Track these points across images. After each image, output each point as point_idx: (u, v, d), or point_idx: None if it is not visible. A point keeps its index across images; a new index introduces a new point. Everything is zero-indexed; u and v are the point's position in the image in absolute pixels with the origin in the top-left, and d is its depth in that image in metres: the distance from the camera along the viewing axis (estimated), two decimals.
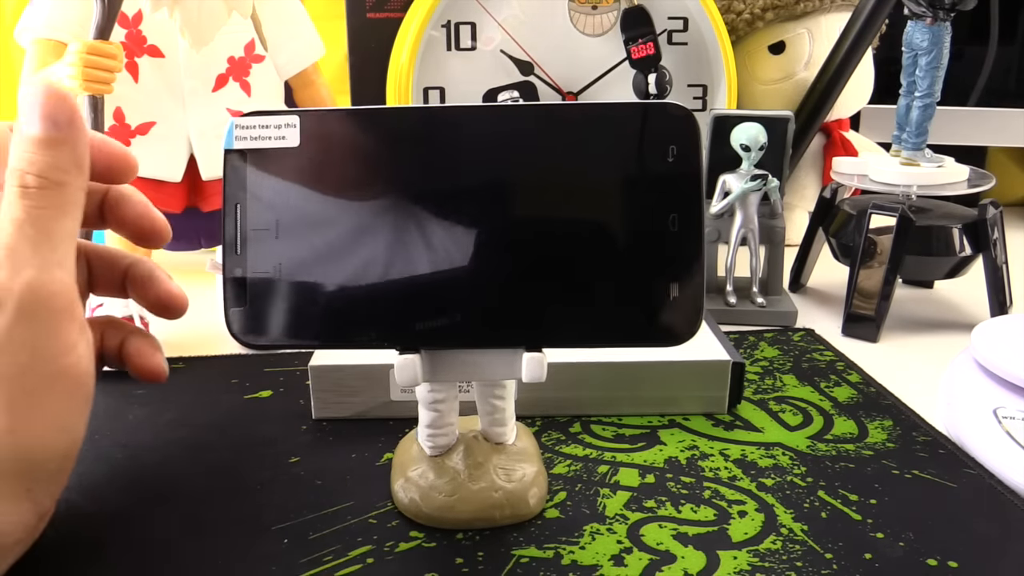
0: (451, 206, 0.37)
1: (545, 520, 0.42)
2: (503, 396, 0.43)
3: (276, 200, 0.37)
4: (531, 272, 0.37)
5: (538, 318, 0.38)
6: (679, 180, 0.37)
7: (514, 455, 0.44)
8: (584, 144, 0.37)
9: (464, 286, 0.37)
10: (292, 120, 0.37)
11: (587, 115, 0.38)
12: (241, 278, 0.37)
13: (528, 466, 0.43)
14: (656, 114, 0.37)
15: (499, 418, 0.43)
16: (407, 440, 0.46)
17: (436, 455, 0.43)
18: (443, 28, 0.79)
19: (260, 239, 0.37)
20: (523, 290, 0.37)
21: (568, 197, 0.37)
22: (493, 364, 0.39)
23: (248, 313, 0.37)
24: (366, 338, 0.38)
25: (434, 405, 0.42)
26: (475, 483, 0.42)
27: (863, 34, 0.86)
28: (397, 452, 0.46)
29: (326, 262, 0.37)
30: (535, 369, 0.38)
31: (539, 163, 0.37)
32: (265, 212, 0.37)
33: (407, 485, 0.42)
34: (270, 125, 0.37)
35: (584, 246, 0.37)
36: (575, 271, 0.37)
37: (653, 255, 0.37)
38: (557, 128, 0.37)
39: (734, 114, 0.71)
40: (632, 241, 0.37)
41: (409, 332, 0.38)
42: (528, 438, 0.46)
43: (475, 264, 0.37)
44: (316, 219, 0.37)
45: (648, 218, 0.37)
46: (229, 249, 0.37)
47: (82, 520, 0.42)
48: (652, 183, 0.37)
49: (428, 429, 0.43)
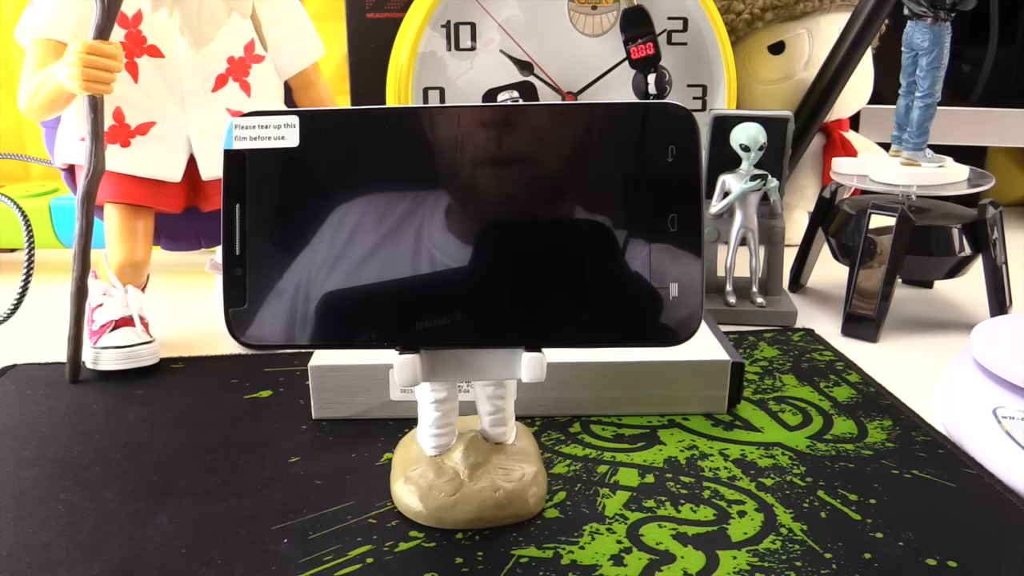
0: (450, 206, 0.37)
1: (545, 520, 0.42)
2: (503, 396, 0.43)
3: (276, 200, 0.37)
4: (530, 272, 0.37)
5: (537, 318, 0.38)
6: (679, 180, 0.37)
7: (514, 455, 0.44)
8: (584, 144, 0.37)
9: (463, 286, 0.37)
10: (291, 120, 0.37)
11: (587, 115, 0.38)
12: (241, 278, 0.37)
13: (528, 466, 0.43)
14: (656, 114, 0.37)
15: (499, 418, 0.44)
16: (407, 440, 0.46)
17: (436, 455, 0.43)
18: (443, 28, 0.79)
19: (260, 239, 0.37)
20: (522, 290, 0.37)
21: (567, 197, 0.37)
22: (493, 364, 0.39)
23: (247, 313, 0.37)
24: (366, 338, 0.38)
25: (434, 405, 0.42)
26: (475, 483, 0.42)
27: (863, 34, 0.86)
28: (397, 452, 0.46)
29: (325, 262, 0.37)
30: (535, 369, 0.38)
31: (538, 163, 0.37)
32: (265, 212, 0.37)
33: (407, 485, 0.43)
34: (269, 125, 0.37)
35: (583, 246, 0.37)
36: (574, 271, 0.37)
37: (652, 255, 0.37)
38: (557, 128, 0.38)
39: (734, 114, 0.71)
40: (631, 241, 0.37)
41: (409, 332, 0.38)
42: (528, 438, 0.46)
43: (475, 264, 0.37)
44: (316, 219, 0.37)
45: (648, 218, 0.37)
46: (228, 249, 0.37)
47: (82, 520, 0.42)
48: (652, 183, 0.37)
49: (429, 429, 0.43)
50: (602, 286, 0.37)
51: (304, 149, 0.37)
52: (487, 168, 0.38)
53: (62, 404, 0.56)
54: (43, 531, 0.41)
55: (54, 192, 0.92)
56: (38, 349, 0.65)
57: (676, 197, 0.37)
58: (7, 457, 0.49)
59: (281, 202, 0.37)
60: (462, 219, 0.37)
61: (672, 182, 0.37)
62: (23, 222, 0.71)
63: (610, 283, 0.37)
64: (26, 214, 0.73)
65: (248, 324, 0.38)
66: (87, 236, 0.59)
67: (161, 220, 0.70)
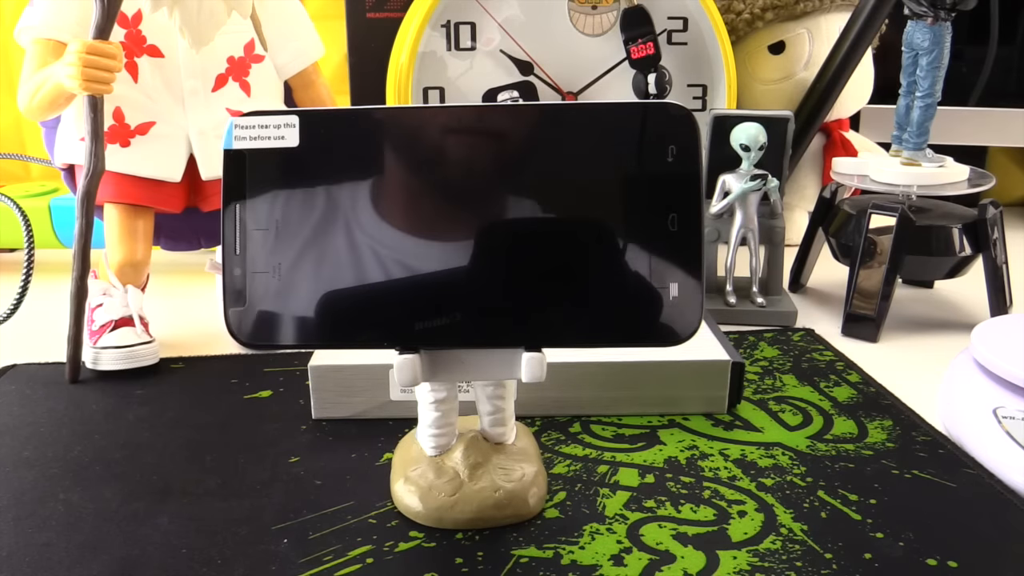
0: (450, 206, 0.37)
1: (545, 520, 0.42)
2: (503, 396, 0.43)
3: (276, 200, 0.37)
4: (530, 272, 0.37)
5: (537, 318, 0.38)
6: (679, 180, 0.37)
7: (514, 455, 0.44)
8: (584, 144, 0.37)
9: (463, 286, 0.37)
10: (291, 120, 0.37)
11: (587, 115, 0.38)
12: (240, 278, 0.37)
13: (528, 466, 0.43)
14: (656, 114, 0.37)
15: (499, 418, 0.44)
16: (407, 440, 0.46)
17: (436, 455, 0.43)
18: (443, 28, 0.79)
19: (259, 239, 0.37)
20: (522, 290, 0.37)
21: (567, 197, 0.37)
22: (492, 364, 0.39)
23: (248, 313, 0.37)
24: (366, 338, 0.38)
25: (434, 405, 0.42)
26: (475, 483, 0.42)
27: (863, 34, 0.86)
28: (397, 452, 0.46)
29: (325, 262, 0.37)
30: (535, 369, 0.38)
31: (538, 163, 0.37)
32: (265, 212, 0.37)
33: (407, 485, 0.42)
34: (269, 125, 0.37)
35: (583, 246, 0.37)
36: (574, 271, 0.37)
37: (652, 255, 0.37)
38: (557, 128, 0.37)
39: (734, 114, 0.71)
40: (631, 241, 0.37)
41: (408, 332, 0.38)
42: (528, 438, 0.46)
43: (474, 264, 0.37)
44: (315, 219, 0.37)
45: (647, 218, 0.37)
46: (228, 249, 0.37)
47: (82, 520, 0.42)
48: (652, 183, 0.37)
49: (429, 429, 0.43)
50: (602, 286, 0.37)
51: (304, 149, 0.37)
52: (487, 167, 0.37)
53: (62, 404, 0.56)
54: (43, 531, 0.41)
55: (54, 192, 0.92)
56: (38, 349, 0.65)
57: (676, 197, 0.37)
58: (7, 457, 0.49)
59: (281, 202, 0.37)
60: (461, 219, 0.37)
61: (672, 182, 0.37)
62: (23, 222, 0.71)
63: (610, 283, 0.37)
64: (26, 214, 0.73)
65: (248, 324, 0.37)
66: (87, 236, 0.59)
67: (161, 220, 0.70)
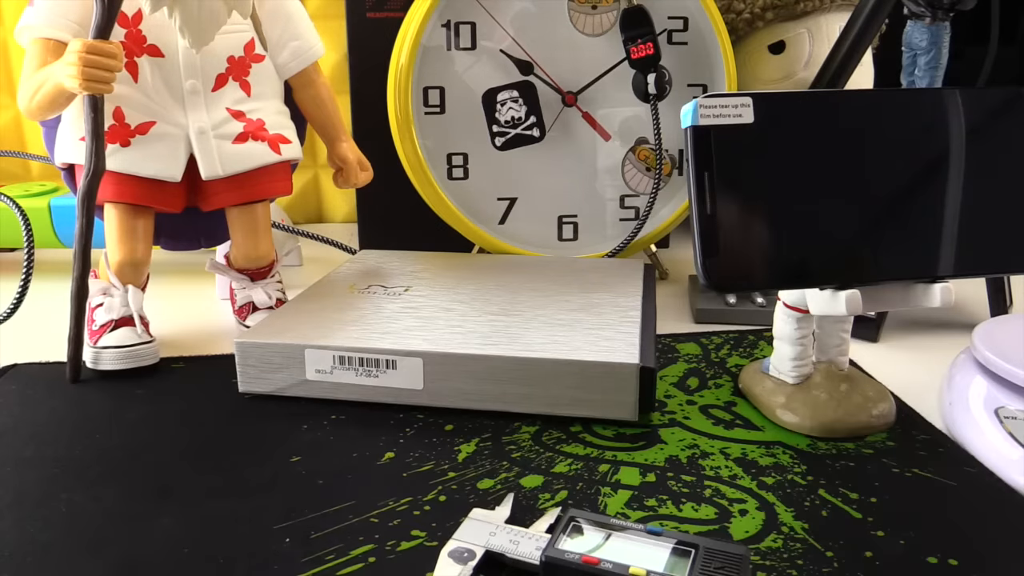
0: (888, 175, 0.46)
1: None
2: (848, 330, 0.53)
3: (738, 166, 0.44)
4: (941, 223, 0.47)
5: (946, 256, 0.47)
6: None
7: (855, 377, 0.53)
8: (987, 123, 0.47)
9: (887, 235, 0.46)
10: (746, 101, 0.44)
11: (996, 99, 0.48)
12: (714, 233, 0.43)
13: (870, 384, 0.53)
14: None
15: (844, 348, 0.53)
16: (753, 375, 0.55)
17: (799, 383, 0.52)
18: (443, 28, 0.79)
19: (727, 200, 0.43)
20: (934, 237, 0.47)
21: (983, 167, 0.47)
22: (913, 295, 0.47)
23: (719, 262, 0.44)
24: (818, 279, 0.46)
25: (799, 340, 0.52)
26: (850, 399, 0.51)
27: (863, 34, 0.86)
28: (748, 385, 0.55)
29: (782, 217, 0.44)
30: (946, 296, 0.46)
31: (956, 137, 0.47)
32: (728, 178, 0.43)
33: (792, 406, 0.51)
34: (728, 105, 0.44)
35: (994, 202, 0.47)
36: (975, 223, 0.47)
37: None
38: (974, 109, 0.47)
39: None
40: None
41: (851, 273, 0.46)
42: (849, 366, 0.54)
43: (903, 217, 0.46)
44: (772, 182, 0.44)
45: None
46: (701, 209, 0.43)
47: (82, 520, 0.42)
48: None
49: (793, 361, 0.52)
50: (994, 229, 0.47)
51: (758, 124, 0.44)
52: (917, 140, 0.46)
53: (62, 404, 0.56)
54: (44, 531, 0.41)
55: (54, 192, 0.91)
56: (38, 349, 0.65)
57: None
58: (7, 457, 0.49)
59: (741, 169, 0.44)
60: (899, 185, 0.46)
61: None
62: (23, 222, 0.71)
63: (1000, 226, 0.47)
64: (26, 214, 0.73)
65: (720, 271, 0.44)
66: (87, 236, 0.59)
67: (161, 220, 0.70)
